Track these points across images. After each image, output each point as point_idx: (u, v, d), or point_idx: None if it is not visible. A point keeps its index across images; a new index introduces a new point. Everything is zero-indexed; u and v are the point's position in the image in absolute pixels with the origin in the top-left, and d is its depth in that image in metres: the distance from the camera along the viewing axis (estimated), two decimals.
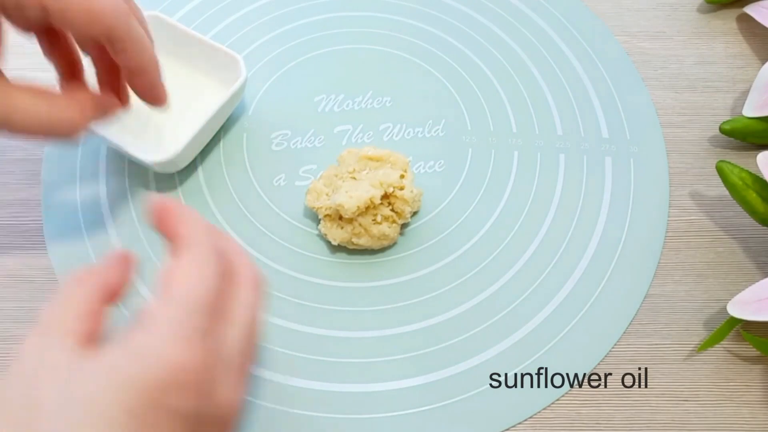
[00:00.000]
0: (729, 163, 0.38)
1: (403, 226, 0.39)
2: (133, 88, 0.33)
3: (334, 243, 0.37)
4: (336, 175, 0.38)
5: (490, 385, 0.35)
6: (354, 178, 0.37)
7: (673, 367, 0.36)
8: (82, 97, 0.32)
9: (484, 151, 0.42)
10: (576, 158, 0.42)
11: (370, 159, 0.38)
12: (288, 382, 0.35)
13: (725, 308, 0.35)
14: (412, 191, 0.37)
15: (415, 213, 0.40)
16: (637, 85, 0.45)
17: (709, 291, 0.38)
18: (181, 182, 0.41)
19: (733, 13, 0.48)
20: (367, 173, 0.37)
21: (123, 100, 0.35)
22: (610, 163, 0.42)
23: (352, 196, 0.36)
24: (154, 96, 0.34)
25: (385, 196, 0.37)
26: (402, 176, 0.37)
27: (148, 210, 0.26)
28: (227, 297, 0.25)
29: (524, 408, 0.35)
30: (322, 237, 0.38)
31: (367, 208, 0.36)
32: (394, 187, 0.37)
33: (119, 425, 0.20)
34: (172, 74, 0.43)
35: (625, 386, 0.36)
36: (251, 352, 0.26)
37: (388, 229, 0.37)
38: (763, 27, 0.45)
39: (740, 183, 0.38)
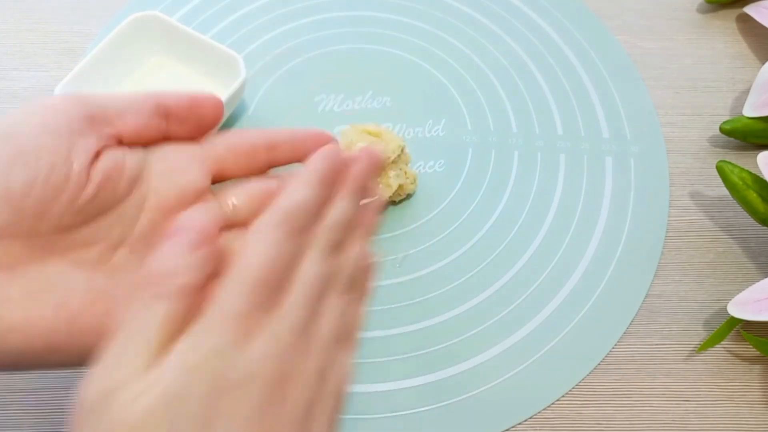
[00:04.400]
0: (729, 163, 0.38)
1: (397, 203, 0.40)
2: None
3: None
4: None
5: (491, 384, 0.35)
6: (349, 148, 0.38)
7: (673, 367, 0.36)
8: None
9: (484, 151, 0.42)
10: (576, 158, 0.42)
11: (369, 133, 0.38)
12: None
13: (725, 308, 0.35)
14: (406, 172, 0.39)
15: (409, 195, 0.40)
16: (637, 85, 0.45)
17: (709, 291, 0.38)
18: None
19: (733, 13, 0.48)
20: (361, 145, 0.38)
21: None
22: (610, 163, 0.42)
23: None
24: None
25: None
26: (389, 157, 0.38)
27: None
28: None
29: (524, 408, 0.35)
30: None
31: None
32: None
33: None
34: (172, 74, 0.43)
35: (625, 386, 0.36)
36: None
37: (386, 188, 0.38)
38: (763, 27, 0.45)
39: (740, 183, 0.38)
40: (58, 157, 0.22)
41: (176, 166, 0.26)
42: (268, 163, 0.27)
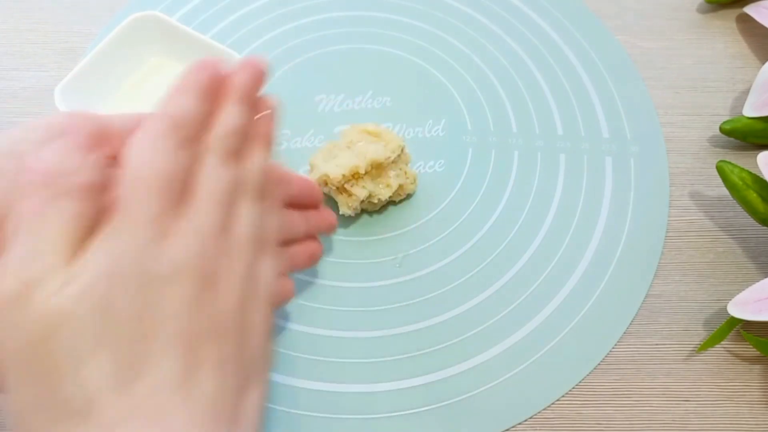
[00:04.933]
0: (729, 163, 0.38)
1: (397, 203, 0.40)
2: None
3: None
4: (335, 146, 0.39)
5: (491, 384, 0.35)
6: (349, 148, 0.38)
7: (673, 367, 0.36)
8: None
9: (484, 151, 0.42)
10: (576, 158, 0.42)
11: (369, 133, 0.38)
12: (288, 383, 0.35)
13: (725, 308, 0.35)
14: (406, 172, 0.39)
15: (409, 195, 0.40)
16: (638, 85, 0.45)
17: (709, 291, 0.38)
18: None
19: (733, 13, 0.48)
20: (361, 145, 0.38)
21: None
22: (610, 163, 0.42)
23: (338, 165, 0.37)
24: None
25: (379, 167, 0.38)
26: (389, 157, 0.38)
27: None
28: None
29: (524, 408, 0.35)
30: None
31: (353, 176, 0.37)
32: (377, 161, 0.37)
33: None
34: (171, 74, 0.43)
35: (625, 386, 0.36)
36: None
37: (384, 189, 0.38)
38: (763, 27, 0.45)
39: (740, 183, 0.38)
40: None
41: None
42: None
